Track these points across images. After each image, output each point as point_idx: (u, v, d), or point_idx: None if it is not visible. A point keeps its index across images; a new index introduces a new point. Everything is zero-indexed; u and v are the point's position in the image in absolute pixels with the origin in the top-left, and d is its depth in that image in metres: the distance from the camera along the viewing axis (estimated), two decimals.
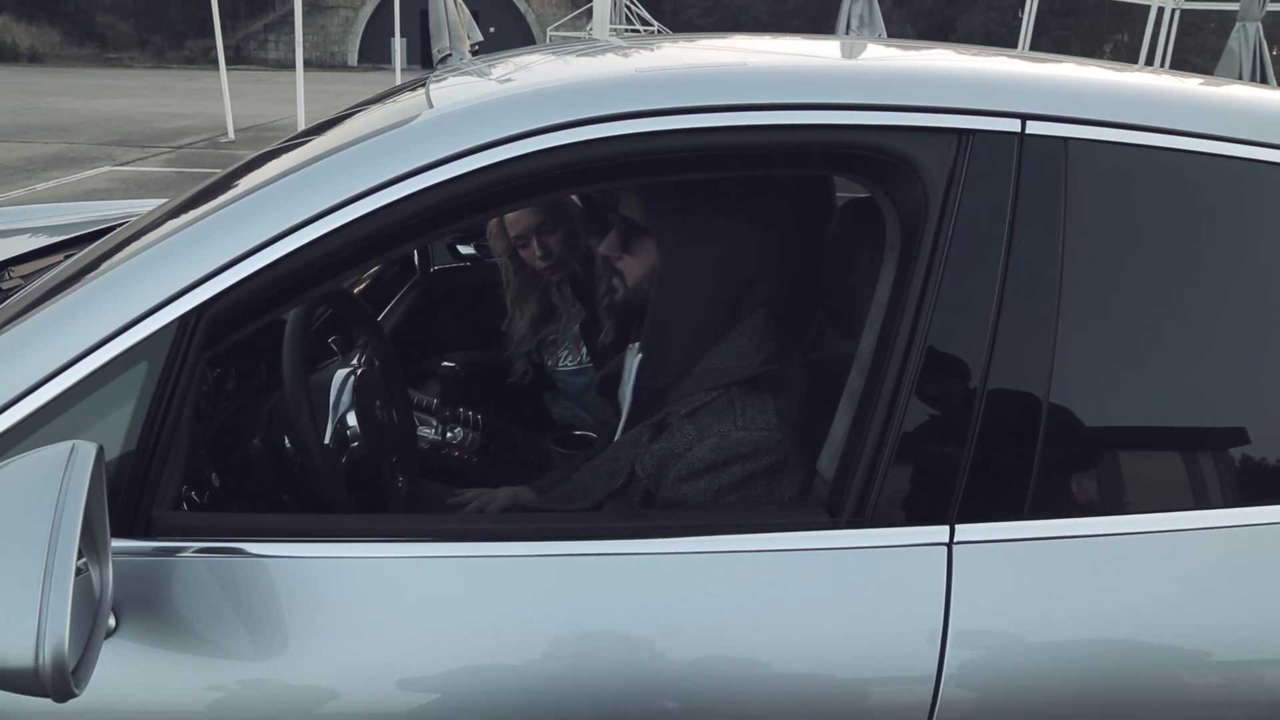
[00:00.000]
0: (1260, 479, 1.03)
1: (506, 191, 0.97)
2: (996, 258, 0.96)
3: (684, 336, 1.28)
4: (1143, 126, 1.00)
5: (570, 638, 0.93)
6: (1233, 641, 0.97)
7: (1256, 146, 1.03)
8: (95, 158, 10.20)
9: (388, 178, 0.94)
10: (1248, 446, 1.04)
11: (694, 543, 0.96)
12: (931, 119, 0.98)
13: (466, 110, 0.99)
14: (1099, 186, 0.99)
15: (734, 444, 1.15)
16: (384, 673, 0.92)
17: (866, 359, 1.02)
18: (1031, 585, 0.95)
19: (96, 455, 0.78)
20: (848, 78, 1.06)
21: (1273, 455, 1.04)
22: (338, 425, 1.35)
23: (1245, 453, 1.04)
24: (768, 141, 0.99)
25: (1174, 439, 1.05)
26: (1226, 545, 0.99)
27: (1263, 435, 1.04)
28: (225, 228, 0.95)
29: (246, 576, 0.93)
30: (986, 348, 0.96)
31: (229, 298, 0.93)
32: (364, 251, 0.97)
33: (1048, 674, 0.94)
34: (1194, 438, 1.06)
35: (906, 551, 0.95)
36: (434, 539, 0.98)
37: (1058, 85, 1.08)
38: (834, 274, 1.37)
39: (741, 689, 0.93)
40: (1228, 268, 1.03)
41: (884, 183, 1.03)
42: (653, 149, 0.98)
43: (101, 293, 0.95)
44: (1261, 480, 1.03)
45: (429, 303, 2.55)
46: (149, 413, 0.92)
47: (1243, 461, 1.04)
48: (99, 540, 0.81)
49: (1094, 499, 1.02)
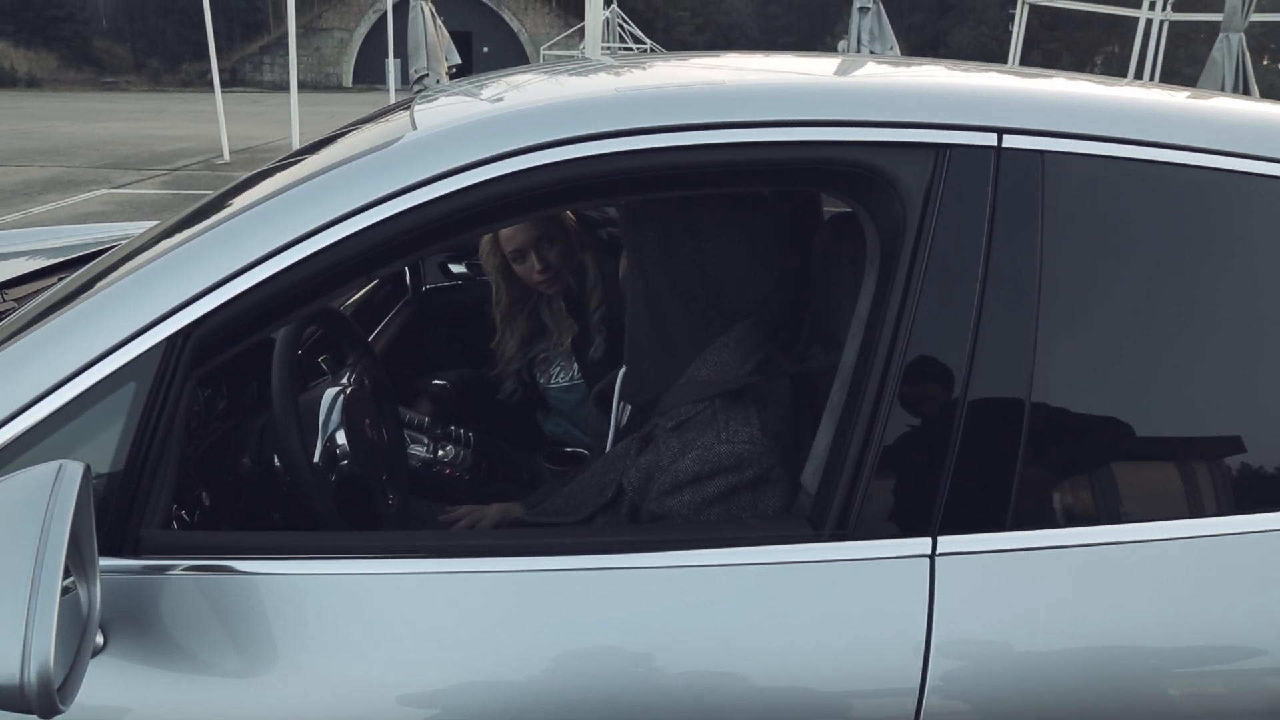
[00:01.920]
0: (1241, 488, 1.04)
1: (491, 211, 0.99)
2: (975, 270, 0.97)
3: (661, 350, 1.28)
4: (1118, 139, 1.01)
5: (557, 653, 0.94)
6: (1216, 650, 0.98)
7: (1232, 157, 1.04)
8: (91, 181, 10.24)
9: (373, 198, 0.95)
10: (1229, 456, 1.05)
11: (679, 557, 0.97)
12: (908, 134, 0.99)
13: (450, 131, 1.01)
14: (1075, 198, 1.00)
15: (717, 457, 1.16)
16: (374, 690, 0.92)
17: (848, 372, 1.03)
18: (1014, 596, 0.96)
19: (84, 474, 0.79)
20: (825, 94, 1.07)
21: (1253, 463, 1.05)
22: (327, 444, 1.36)
23: (1226, 462, 1.05)
24: (748, 159, 1.00)
25: (1155, 448, 1.06)
26: (1208, 554, 1.00)
27: (1243, 444, 1.05)
28: (212, 249, 0.96)
29: (235, 594, 0.93)
30: (966, 360, 0.96)
31: (216, 318, 0.94)
32: (349, 271, 0.98)
33: (1031, 684, 0.94)
34: (1175, 447, 1.07)
35: (889, 564, 0.96)
36: (420, 555, 0.99)
37: (1033, 99, 1.09)
38: (819, 287, 1.38)
39: (726, 702, 0.93)
40: (1205, 278, 1.04)
41: (863, 198, 1.04)
42: (636, 167, 0.99)
43: (89, 314, 0.96)
44: (1242, 489, 1.04)
45: (420, 321, 2.56)
46: (137, 432, 0.93)
47: (1223, 470, 1.05)
48: (86, 559, 0.82)
49: (1076, 509, 1.02)
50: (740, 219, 1.26)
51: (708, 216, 1.25)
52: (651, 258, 1.27)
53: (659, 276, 1.26)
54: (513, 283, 2.16)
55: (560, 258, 2.08)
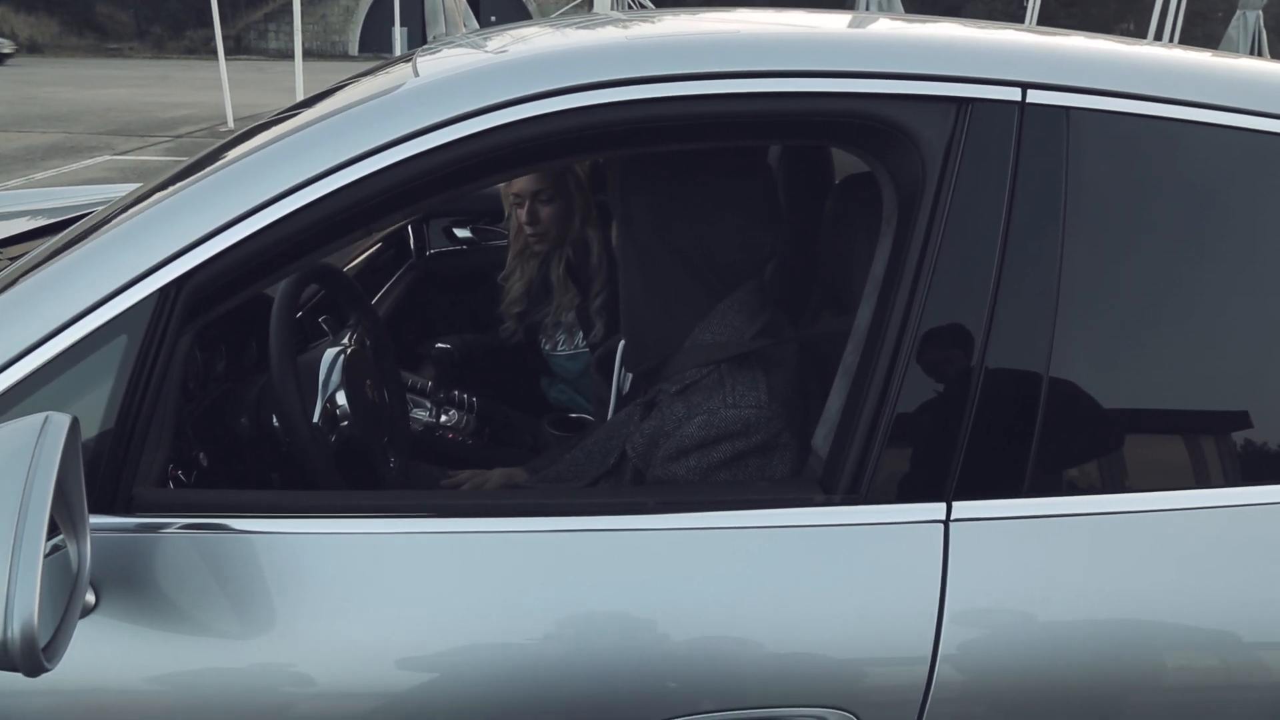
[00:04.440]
0: (1261, 460, 1.02)
1: (495, 160, 0.95)
2: (996, 230, 0.94)
3: (660, 315, 1.24)
4: (1145, 96, 0.98)
5: (562, 615, 0.92)
6: (1232, 621, 0.96)
7: (1260, 117, 1.00)
8: (94, 147, 10.18)
9: (375, 145, 0.91)
10: (1250, 427, 1.02)
11: (688, 519, 0.95)
12: (929, 87, 0.96)
13: (453, 77, 0.97)
14: (1101, 157, 0.97)
15: (723, 421, 1.13)
16: (372, 650, 0.91)
17: (862, 334, 1.00)
18: (1029, 564, 0.94)
19: (70, 427, 0.77)
20: (843, 45, 1.04)
21: (1275, 436, 1.02)
22: (327, 404, 1.34)
23: (1247, 433, 1.02)
24: (762, 109, 0.96)
25: (1175, 418, 1.03)
26: (1226, 525, 0.97)
27: (1265, 415, 1.02)
28: (205, 198, 0.93)
29: (231, 553, 0.91)
30: (985, 322, 0.94)
31: (210, 269, 0.91)
32: (349, 222, 0.95)
33: (1044, 653, 0.93)
34: (1195, 417, 1.04)
35: (902, 529, 0.94)
36: (421, 515, 0.97)
37: (1059, 54, 1.05)
38: (830, 250, 1.34)
39: (734, 667, 0.92)
40: (1232, 242, 1.01)
41: (880, 153, 1.00)
42: (647, 116, 0.95)
43: (78, 266, 0.93)
44: (1262, 461, 1.02)
45: (425, 286, 2.53)
46: (129, 387, 0.90)
47: (1244, 442, 1.02)
48: (76, 515, 0.79)
49: (1093, 477, 1.00)
50: (733, 179, 1.22)
51: (700, 176, 1.21)
52: (643, 221, 1.23)
53: (653, 240, 1.22)
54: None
55: (551, 219, 2.05)
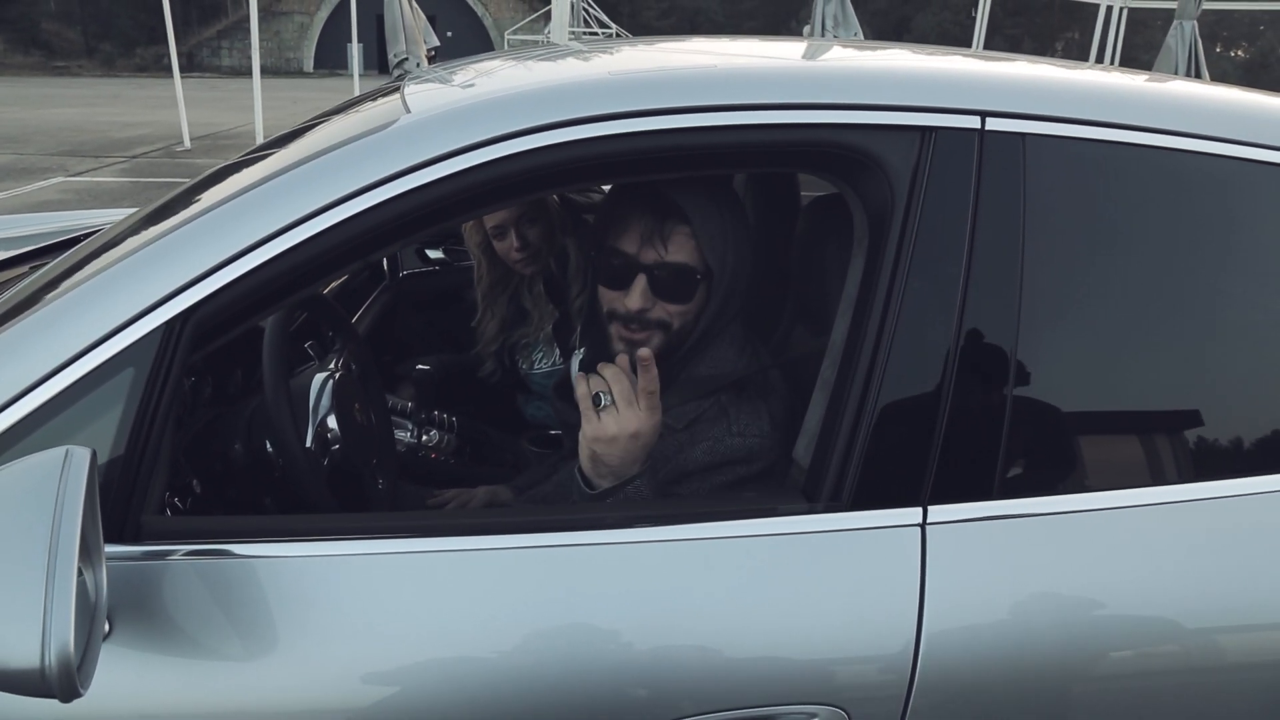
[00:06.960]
0: (1216, 456, 1.09)
1: (487, 194, 0.99)
2: (961, 249, 1.00)
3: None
4: (1096, 122, 1.05)
5: (555, 627, 0.95)
6: (1201, 614, 1.02)
7: (1207, 141, 1.08)
8: (46, 169, 9.99)
9: (371, 181, 0.95)
10: (1201, 426, 1.09)
11: (678, 531, 0.99)
12: (896, 117, 1.02)
13: (447, 114, 1.01)
14: (1056, 179, 1.03)
15: (728, 449, 1.17)
16: (375, 668, 0.93)
17: (839, 349, 1.06)
18: (1003, 562, 0.99)
19: (90, 460, 0.79)
20: (815, 78, 1.09)
21: (1229, 433, 1.09)
22: (318, 428, 1.36)
23: (1199, 432, 1.09)
24: (739, 141, 1.02)
25: (1131, 420, 1.10)
26: (1191, 519, 1.04)
27: (1219, 414, 1.09)
28: (209, 233, 0.96)
29: (235, 578, 0.94)
30: (953, 335, 0.99)
31: (215, 302, 0.94)
32: (348, 255, 0.99)
33: (1021, 647, 0.98)
34: (1150, 419, 1.11)
35: (882, 533, 0.99)
36: (419, 534, 1.00)
37: (1015, 83, 1.12)
38: (802, 270, 1.40)
39: (721, 673, 0.96)
40: (1181, 256, 1.08)
41: (851, 179, 1.06)
42: (629, 150, 1.00)
43: (86, 299, 0.95)
44: (1218, 457, 1.09)
45: (399, 307, 2.55)
46: (137, 418, 0.93)
47: (1199, 440, 1.09)
48: (92, 545, 0.82)
49: (1058, 477, 1.06)
50: (722, 210, 1.26)
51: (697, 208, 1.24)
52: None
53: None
54: (495, 262, 2.16)
55: (540, 238, 2.08)
